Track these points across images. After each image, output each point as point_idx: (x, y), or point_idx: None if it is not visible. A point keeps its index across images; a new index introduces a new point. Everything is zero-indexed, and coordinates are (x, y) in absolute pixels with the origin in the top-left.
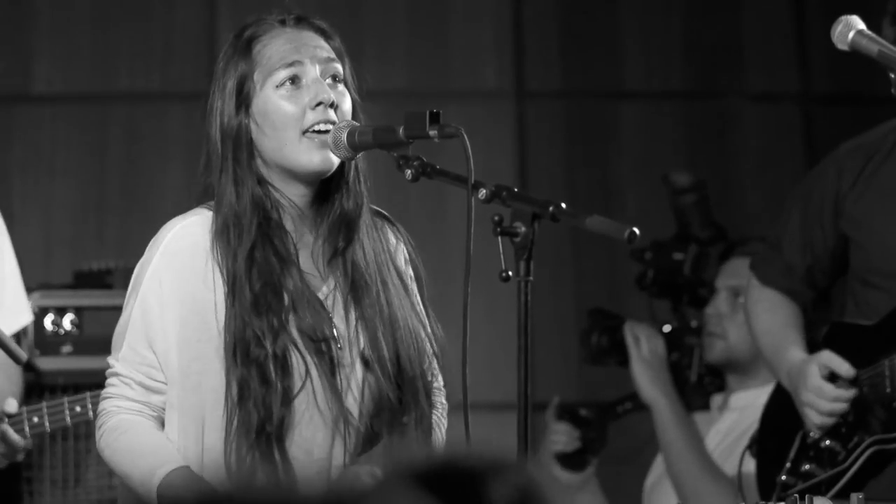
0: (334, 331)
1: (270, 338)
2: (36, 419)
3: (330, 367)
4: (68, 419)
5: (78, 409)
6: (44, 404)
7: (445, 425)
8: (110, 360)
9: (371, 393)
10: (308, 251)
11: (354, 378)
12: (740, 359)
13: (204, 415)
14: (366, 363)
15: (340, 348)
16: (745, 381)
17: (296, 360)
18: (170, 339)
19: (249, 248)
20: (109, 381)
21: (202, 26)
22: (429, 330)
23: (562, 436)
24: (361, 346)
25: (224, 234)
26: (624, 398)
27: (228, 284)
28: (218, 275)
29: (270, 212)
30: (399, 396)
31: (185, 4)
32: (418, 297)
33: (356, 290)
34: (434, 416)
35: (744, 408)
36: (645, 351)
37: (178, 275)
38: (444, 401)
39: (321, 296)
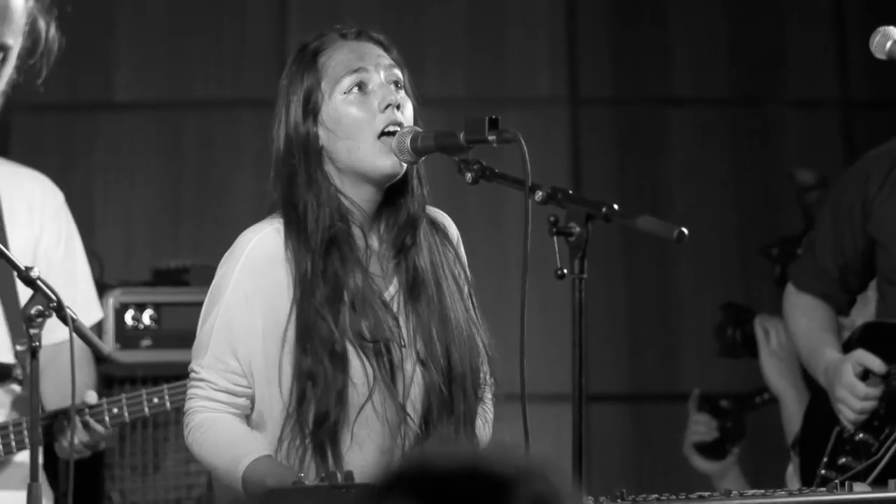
0: (397, 332)
1: (331, 337)
2: (116, 410)
3: (389, 368)
4: (146, 410)
5: (156, 400)
6: (123, 396)
7: (492, 418)
8: (193, 365)
9: (425, 391)
10: (375, 254)
11: (415, 379)
12: None
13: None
14: (422, 363)
15: (404, 346)
16: None
17: (354, 361)
18: (255, 347)
19: (322, 250)
20: (194, 383)
21: (272, 35)
22: (481, 331)
23: (701, 426)
24: (418, 346)
25: (298, 237)
26: (762, 389)
27: (298, 284)
28: (291, 282)
29: (341, 217)
30: (449, 392)
31: (256, 15)
32: (472, 301)
33: (415, 290)
34: (481, 412)
35: None
36: (774, 343)
37: (260, 285)
38: (490, 396)
39: (387, 296)
